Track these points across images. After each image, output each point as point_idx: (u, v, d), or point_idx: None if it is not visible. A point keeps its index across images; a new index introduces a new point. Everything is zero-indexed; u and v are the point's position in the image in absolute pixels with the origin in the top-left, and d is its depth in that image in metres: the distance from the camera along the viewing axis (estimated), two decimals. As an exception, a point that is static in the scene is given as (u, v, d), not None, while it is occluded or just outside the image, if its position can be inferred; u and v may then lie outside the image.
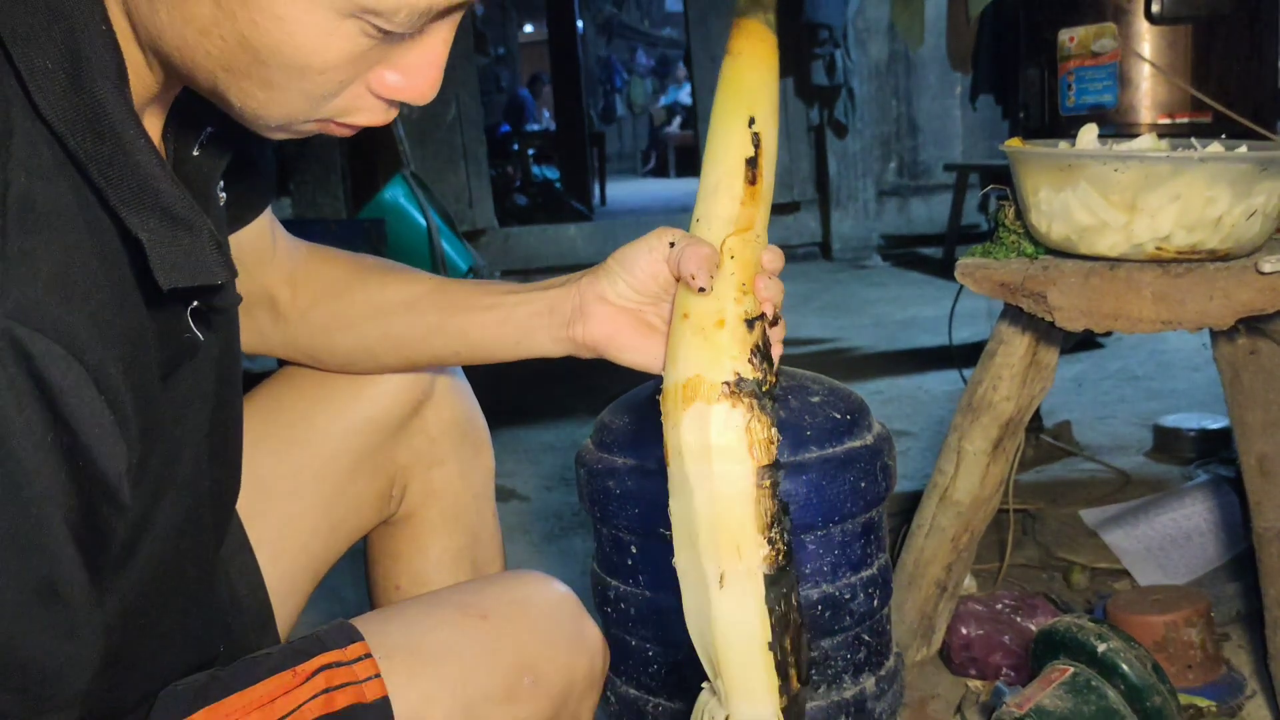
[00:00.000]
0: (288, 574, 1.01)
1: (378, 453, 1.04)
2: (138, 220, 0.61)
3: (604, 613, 1.31)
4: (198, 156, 0.74)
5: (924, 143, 6.66)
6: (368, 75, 0.63)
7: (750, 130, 0.79)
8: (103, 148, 0.59)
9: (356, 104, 0.65)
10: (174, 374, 0.72)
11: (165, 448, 0.71)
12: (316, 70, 0.61)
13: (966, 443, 1.51)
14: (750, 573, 0.74)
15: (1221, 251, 1.23)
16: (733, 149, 0.80)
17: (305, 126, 0.66)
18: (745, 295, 0.78)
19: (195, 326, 0.72)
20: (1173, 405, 2.82)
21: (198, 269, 0.63)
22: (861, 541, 1.25)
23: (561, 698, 0.86)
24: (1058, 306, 1.27)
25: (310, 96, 0.63)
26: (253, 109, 0.63)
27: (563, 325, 0.90)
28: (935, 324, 4.06)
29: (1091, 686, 1.21)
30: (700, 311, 0.78)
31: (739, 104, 0.80)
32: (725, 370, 0.75)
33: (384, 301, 0.97)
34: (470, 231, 6.24)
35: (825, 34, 5.81)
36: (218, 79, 0.62)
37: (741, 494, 0.74)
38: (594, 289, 0.89)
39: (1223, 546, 1.83)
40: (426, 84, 0.65)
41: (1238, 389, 1.35)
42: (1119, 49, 1.69)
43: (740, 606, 0.74)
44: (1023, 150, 1.33)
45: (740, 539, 0.74)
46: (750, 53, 0.82)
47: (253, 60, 0.60)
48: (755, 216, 0.80)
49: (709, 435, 0.75)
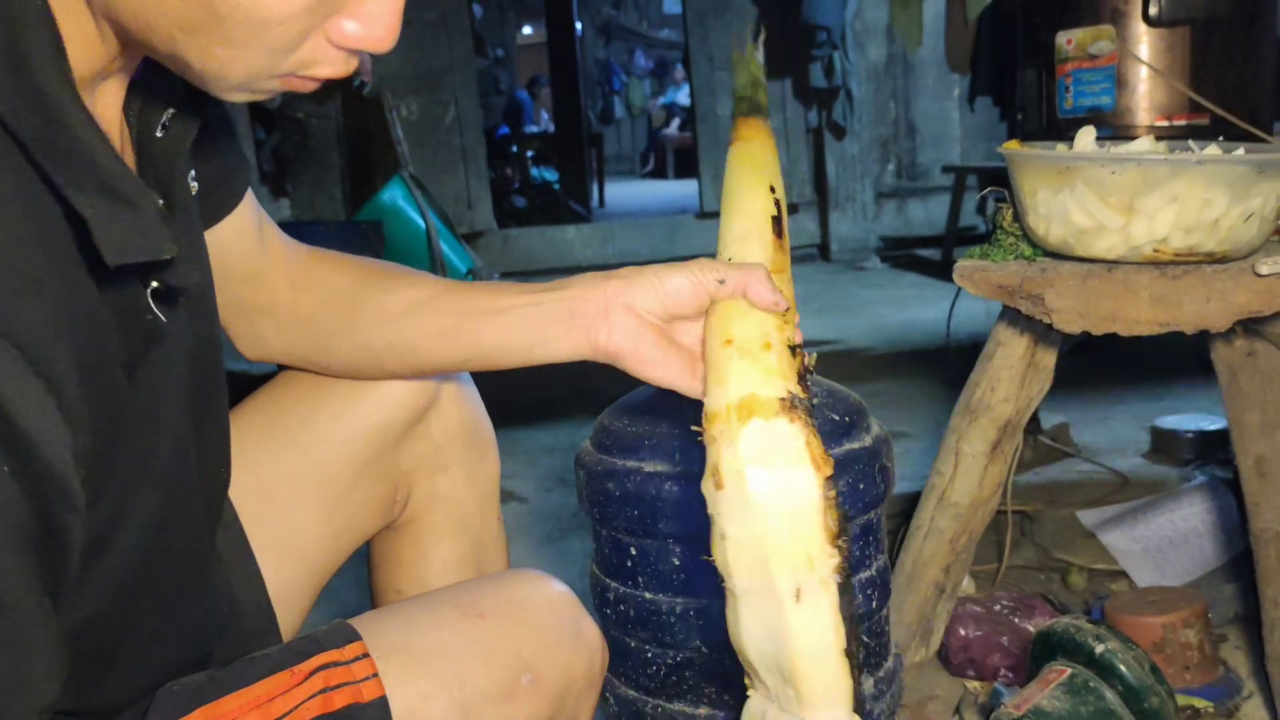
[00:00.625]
0: (291, 580, 1.00)
1: (382, 458, 1.04)
2: (82, 199, 0.59)
3: (603, 614, 1.31)
4: (161, 139, 0.72)
5: (922, 144, 6.67)
6: (326, 26, 0.63)
7: (772, 196, 0.88)
8: (41, 124, 0.58)
9: (316, 55, 0.64)
10: (141, 362, 0.70)
11: (138, 440, 0.69)
12: (276, 21, 0.60)
13: (965, 444, 1.51)
14: (824, 583, 0.75)
15: (1219, 253, 1.23)
16: (760, 208, 0.88)
17: (267, 84, 0.65)
18: (787, 325, 0.82)
19: (157, 308, 0.71)
20: (1171, 407, 2.82)
21: (144, 244, 0.62)
22: (860, 543, 1.26)
23: (560, 697, 0.86)
24: (1055, 308, 1.28)
25: (270, 50, 0.62)
26: (214, 69, 0.62)
27: (584, 329, 0.89)
28: (933, 325, 4.07)
29: (1089, 687, 1.21)
30: (746, 336, 0.81)
31: (759, 174, 0.89)
32: (779, 388, 0.77)
33: (389, 307, 0.95)
34: (469, 233, 6.25)
35: (823, 36, 5.82)
36: (176, 40, 0.61)
37: (811, 505, 0.75)
38: (623, 297, 0.88)
39: (1220, 548, 1.83)
40: (385, 29, 0.64)
41: (1235, 391, 1.35)
42: (1117, 51, 1.69)
43: (817, 617, 0.75)
44: (1021, 152, 1.33)
45: (812, 550, 0.75)
46: (757, 139, 0.92)
47: (211, 17, 0.59)
48: (786, 263, 0.86)
49: (773, 449, 0.76)
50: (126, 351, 0.67)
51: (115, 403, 0.66)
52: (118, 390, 0.66)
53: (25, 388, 0.54)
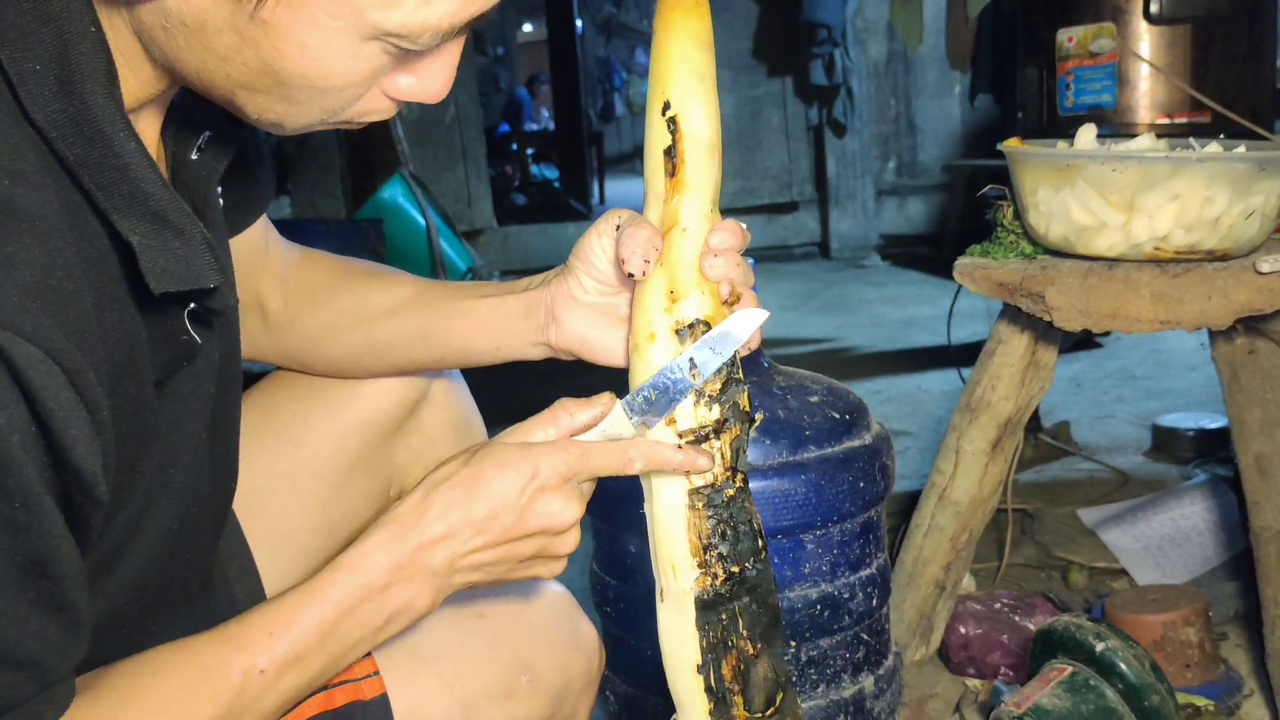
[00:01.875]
0: (286, 573, 1.00)
1: (375, 453, 1.04)
2: (128, 224, 0.61)
3: (603, 612, 1.31)
4: (196, 160, 0.74)
5: (922, 142, 6.66)
6: (382, 81, 0.65)
7: (664, 117, 0.74)
8: (92, 152, 0.59)
9: (369, 106, 0.66)
10: (171, 378, 0.71)
11: (160, 451, 0.70)
12: (338, 89, 0.62)
13: (965, 442, 1.51)
14: (684, 593, 0.73)
15: (1220, 251, 1.23)
16: (652, 142, 0.76)
17: (315, 128, 0.67)
18: (674, 303, 0.74)
19: (193, 329, 0.72)
20: (1170, 405, 2.82)
21: (189, 273, 0.63)
22: (860, 541, 1.26)
23: (559, 695, 0.87)
24: (1056, 306, 1.28)
25: (328, 109, 0.64)
26: (269, 120, 0.65)
27: (538, 330, 0.88)
28: (933, 323, 4.06)
29: (1090, 685, 1.21)
30: (634, 327, 0.76)
31: (654, 91, 0.75)
32: None
33: (369, 309, 0.96)
34: (469, 231, 6.25)
35: (824, 33, 5.82)
36: (236, 95, 0.63)
37: (674, 514, 0.74)
38: (561, 289, 0.86)
39: (1220, 546, 1.83)
40: (440, 85, 0.66)
41: (1236, 388, 1.35)
42: (1117, 49, 1.69)
43: (674, 624, 0.75)
44: (1021, 150, 1.33)
45: (675, 558, 0.74)
46: (665, 24, 0.75)
47: (274, 83, 0.61)
48: (679, 210, 0.74)
49: None
50: (158, 370, 0.69)
51: (142, 418, 0.67)
52: (146, 408, 0.67)
53: (67, 403, 0.56)
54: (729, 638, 0.73)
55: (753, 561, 0.73)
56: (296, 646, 0.67)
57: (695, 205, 0.75)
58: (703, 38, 0.74)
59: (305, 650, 0.68)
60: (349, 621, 0.69)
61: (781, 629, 0.75)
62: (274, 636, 0.67)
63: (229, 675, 0.66)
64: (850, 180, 6.51)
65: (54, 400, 0.56)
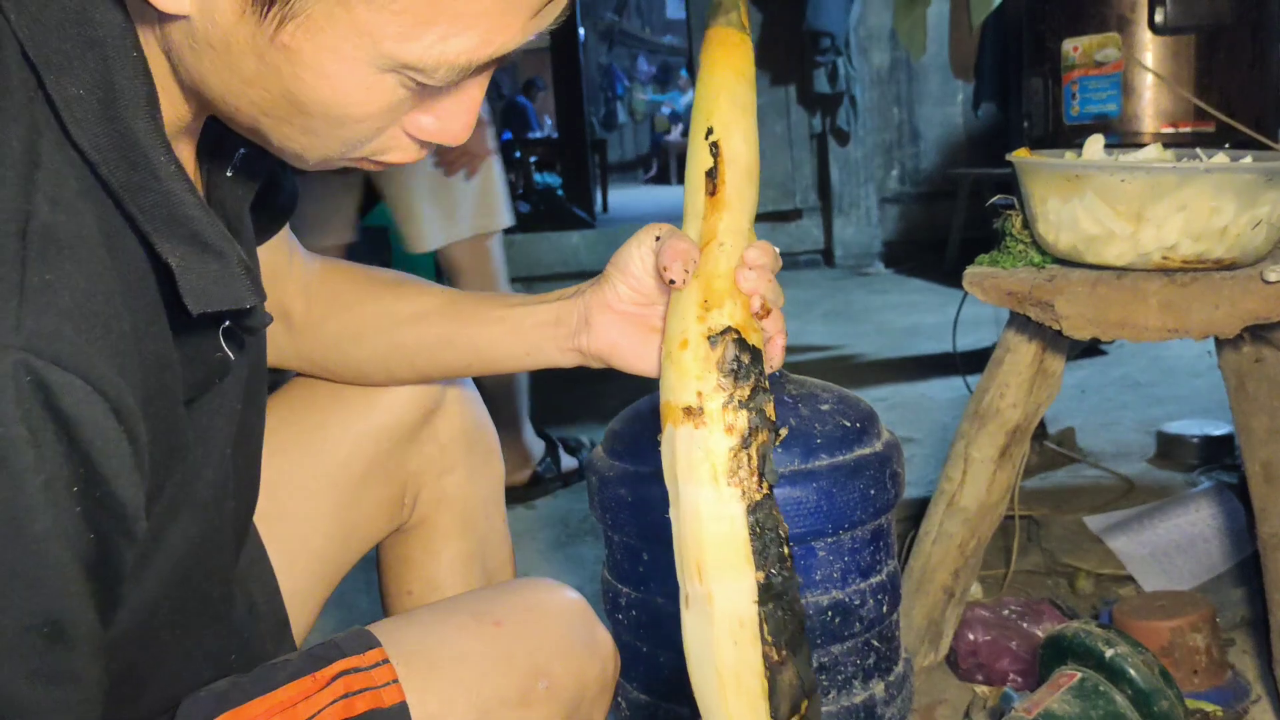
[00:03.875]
0: (302, 581, 1.01)
1: (390, 460, 1.05)
2: (168, 247, 0.61)
3: (615, 619, 1.32)
4: (231, 179, 0.75)
5: (926, 150, 6.67)
6: (403, 119, 0.65)
7: (708, 142, 0.80)
8: (134, 176, 0.60)
9: (391, 144, 0.67)
10: (201, 396, 0.72)
11: (185, 468, 0.71)
12: (356, 120, 0.63)
13: (974, 450, 1.52)
14: (709, 597, 0.73)
15: (1227, 261, 1.24)
16: (695, 165, 0.81)
17: (338, 163, 0.68)
18: (708, 312, 0.76)
19: (227, 346, 0.73)
20: (1176, 411, 2.82)
21: (227, 294, 0.64)
22: (871, 548, 1.26)
23: (574, 702, 0.87)
24: (1065, 315, 1.28)
25: (348, 142, 0.65)
26: (292, 149, 0.65)
27: (569, 336, 0.90)
28: (938, 331, 4.07)
29: (1099, 691, 1.22)
30: (668, 334, 0.78)
31: (698, 118, 0.81)
32: (688, 394, 0.75)
33: (396, 314, 0.97)
34: (473, 238, 6.24)
35: (827, 42, 5.83)
36: (259, 122, 0.63)
37: (701, 519, 0.73)
38: (598, 297, 0.89)
39: (1227, 552, 1.84)
40: (460, 127, 0.67)
41: (1243, 396, 1.36)
42: (1122, 59, 1.70)
43: (699, 630, 0.74)
44: (1030, 161, 1.34)
45: (701, 563, 0.73)
46: (710, 60, 0.82)
47: (295, 110, 0.62)
48: (717, 227, 0.78)
49: (674, 460, 0.75)
50: (190, 389, 0.70)
51: (173, 439, 0.67)
52: (177, 427, 0.68)
53: (109, 434, 0.56)
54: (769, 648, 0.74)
55: (779, 569, 0.74)
56: None
57: (732, 222, 0.79)
58: (745, 73, 0.81)
59: None
60: None
61: (807, 637, 0.75)
62: None
63: None
64: (854, 188, 6.52)
65: (95, 431, 0.56)
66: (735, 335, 0.75)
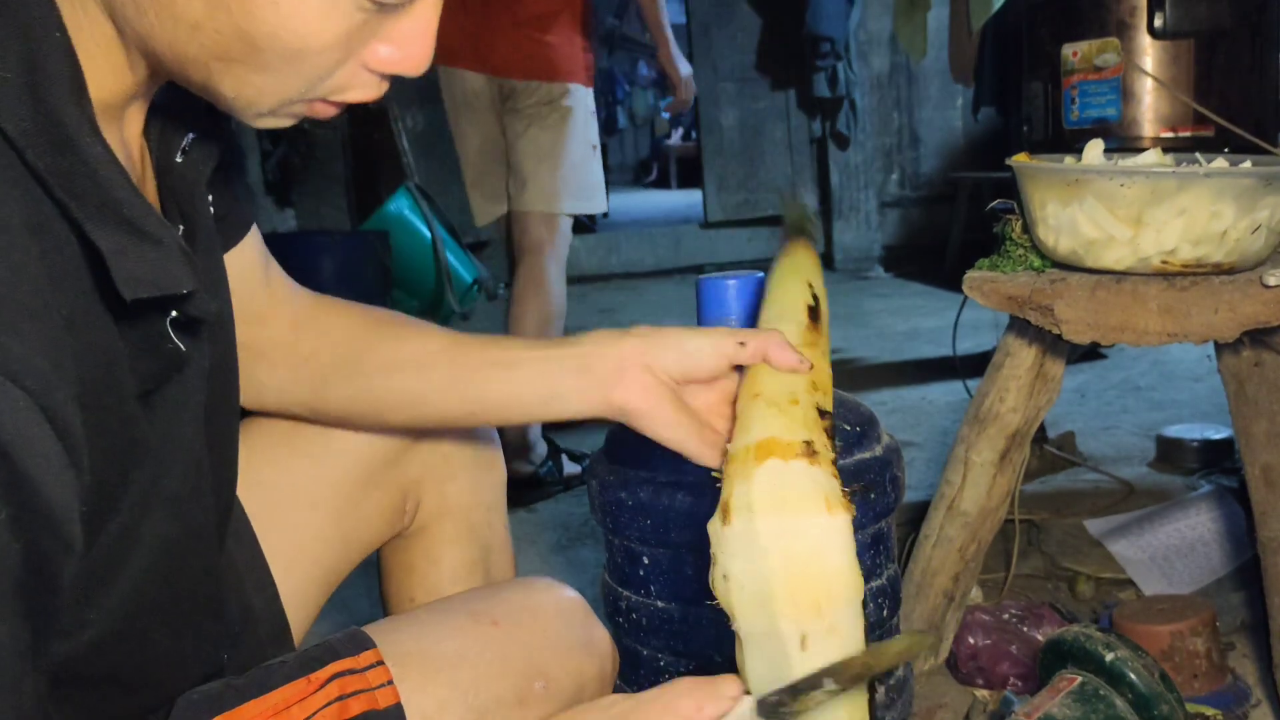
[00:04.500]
0: (301, 585, 1.01)
1: (392, 465, 1.05)
2: (101, 233, 0.59)
3: (615, 623, 1.32)
4: (181, 164, 0.73)
5: (926, 154, 6.67)
6: (361, 51, 0.64)
7: (810, 290, 0.93)
8: (61, 160, 0.58)
9: (350, 81, 0.65)
10: (160, 389, 0.70)
11: (152, 465, 0.69)
12: (314, 51, 0.61)
13: (973, 454, 1.52)
14: (831, 630, 0.71)
15: (1226, 265, 1.24)
16: (798, 296, 0.92)
17: (294, 109, 0.65)
18: (815, 390, 0.81)
19: (177, 337, 0.71)
20: (1175, 416, 2.82)
21: (163, 279, 0.62)
22: (871, 552, 1.26)
23: (572, 702, 0.87)
24: (1065, 319, 1.29)
25: (306, 78, 0.63)
26: (247, 96, 0.63)
27: (599, 386, 0.87)
28: (937, 335, 4.07)
29: (1099, 695, 1.22)
30: (774, 391, 0.80)
31: (800, 275, 0.95)
32: (801, 434, 0.75)
33: (398, 355, 0.93)
34: (474, 243, 6.24)
35: (827, 46, 5.83)
36: (210, 70, 0.61)
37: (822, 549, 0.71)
38: (642, 356, 0.86)
39: (1227, 556, 1.84)
40: (420, 53, 0.65)
41: (1242, 400, 1.36)
42: (1122, 63, 1.70)
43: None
44: (1030, 165, 1.34)
45: (819, 597, 0.71)
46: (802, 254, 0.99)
47: (249, 49, 0.59)
48: (822, 344, 0.87)
49: (788, 490, 0.72)
50: (144, 381, 0.68)
51: (127, 433, 0.66)
52: (131, 421, 0.66)
53: (31, 430, 0.53)
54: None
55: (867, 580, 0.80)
56: None
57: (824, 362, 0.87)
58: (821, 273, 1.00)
59: None
60: None
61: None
62: None
63: None
64: (853, 192, 6.52)
65: (15, 430, 0.52)
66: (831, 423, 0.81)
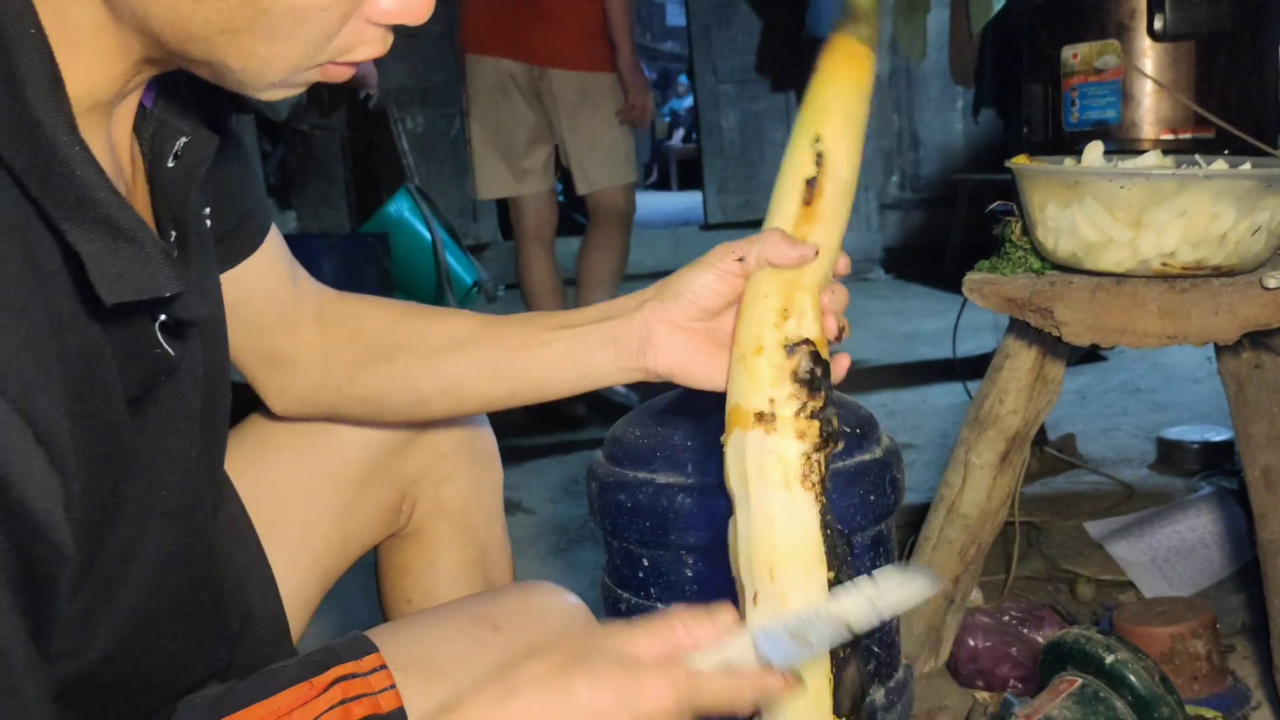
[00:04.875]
0: (300, 583, 1.02)
1: (389, 466, 1.05)
2: (79, 234, 0.58)
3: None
4: (173, 169, 0.72)
5: (926, 156, 6.67)
6: (363, 6, 0.63)
7: (814, 149, 0.79)
8: (37, 158, 0.57)
9: (355, 39, 0.64)
10: (150, 396, 0.70)
11: (146, 473, 0.69)
12: (318, 9, 0.60)
13: (973, 456, 1.52)
14: (781, 596, 0.73)
15: (1226, 267, 1.24)
16: (794, 169, 0.80)
17: (306, 75, 0.65)
18: (784, 320, 0.77)
19: (166, 341, 0.70)
20: (1175, 418, 2.82)
21: (144, 281, 0.61)
22: (871, 554, 1.26)
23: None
24: (1064, 321, 1.28)
25: (311, 39, 0.62)
26: (254, 67, 0.62)
27: (631, 355, 0.87)
28: (937, 336, 4.07)
29: (1100, 698, 1.22)
30: (741, 339, 0.78)
31: (808, 122, 0.80)
32: (760, 399, 0.75)
33: (432, 342, 0.93)
34: (474, 245, 6.25)
35: (827, 48, 5.83)
36: (214, 44, 0.60)
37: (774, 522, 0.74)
38: (660, 314, 0.86)
39: (1227, 558, 1.84)
40: (421, 0, 0.64)
41: (1242, 403, 1.36)
42: (1122, 65, 1.70)
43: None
44: (1029, 167, 1.34)
45: (772, 564, 0.74)
46: (831, 69, 0.81)
47: (253, 13, 0.59)
48: (808, 238, 0.79)
49: (743, 463, 0.75)
50: (132, 387, 0.67)
51: (117, 439, 0.65)
52: (120, 426, 0.65)
53: (11, 436, 0.53)
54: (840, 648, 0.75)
55: (844, 567, 0.75)
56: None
57: (825, 237, 0.79)
58: (865, 89, 0.81)
59: None
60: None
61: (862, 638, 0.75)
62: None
63: None
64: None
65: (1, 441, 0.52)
66: (811, 348, 0.76)
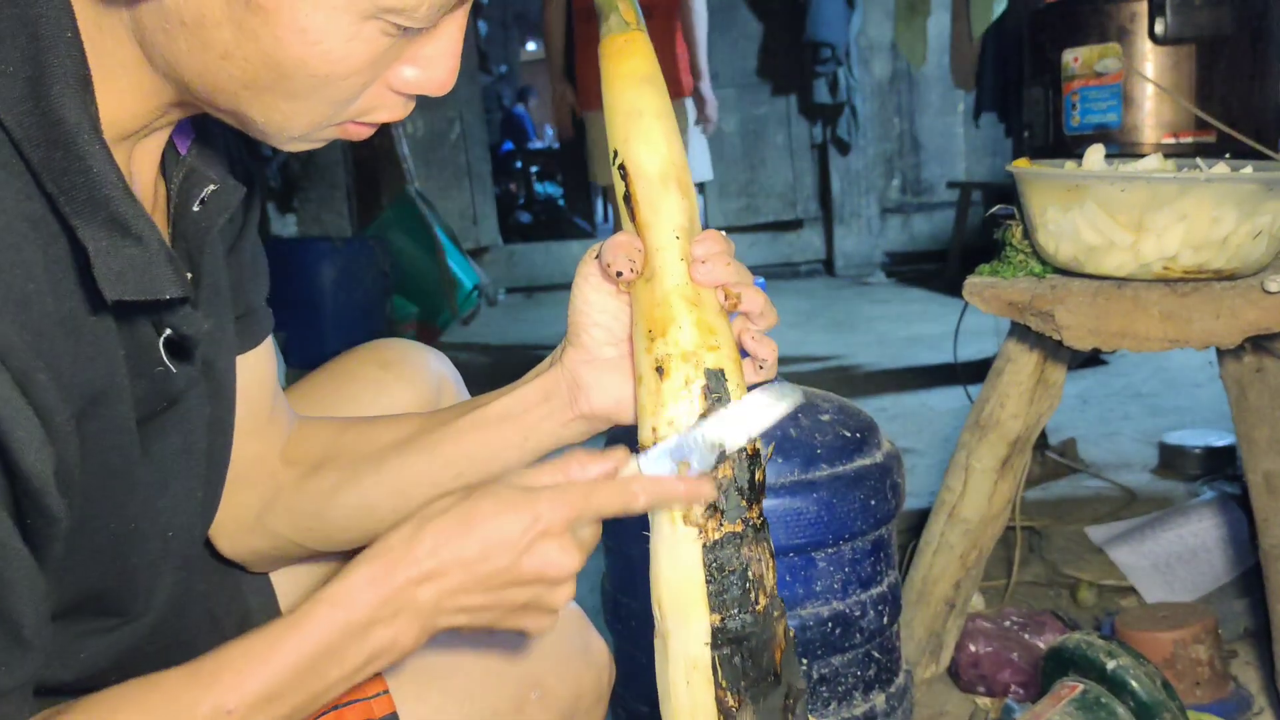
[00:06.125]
0: (298, 586, 1.01)
1: None
2: (88, 232, 0.59)
3: (615, 630, 1.32)
4: (197, 212, 0.72)
5: (926, 160, 6.68)
6: (386, 73, 0.64)
7: (616, 168, 0.75)
8: (55, 155, 0.58)
9: (376, 103, 0.65)
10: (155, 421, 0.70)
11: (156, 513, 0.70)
12: (340, 76, 0.61)
13: (974, 460, 1.51)
14: (667, 635, 0.72)
15: (1227, 271, 1.24)
16: (619, 198, 0.76)
17: (325, 132, 0.66)
18: (654, 342, 0.72)
19: (169, 360, 0.70)
20: (1177, 422, 2.82)
21: (146, 281, 0.61)
22: (871, 559, 1.26)
23: (569, 711, 0.87)
24: (1066, 325, 1.28)
25: (334, 102, 0.63)
26: (277, 122, 0.63)
27: (565, 406, 0.82)
28: (938, 341, 4.06)
29: (1101, 703, 1.22)
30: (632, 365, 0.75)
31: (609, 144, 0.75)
32: (645, 430, 0.72)
33: (377, 442, 0.89)
34: (474, 249, 6.26)
35: (828, 52, 5.84)
36: (239, 98, 0.62)
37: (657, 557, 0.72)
38: (577, 355, 0.81)
39: (1229, 563, 1.83)
40: (445, 74, 0.65)
41: (1244, 407, 1.36)
42: (1123, 69, 1.70)
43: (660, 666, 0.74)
44: (1030, 170, 1.34)
45: (659, 599, 0.72)
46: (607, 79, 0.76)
47: (277, 76, 0.60)
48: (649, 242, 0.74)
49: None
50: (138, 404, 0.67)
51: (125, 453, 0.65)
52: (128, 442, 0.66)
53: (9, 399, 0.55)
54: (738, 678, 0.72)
55: (740, 611, 0.70)
56: (271, 684, 0.64)
57: (655, 240, 0.74)
58: (637, 74, 0.75)
59: (280, 688, 0.64)
60: (329, 659, 0.66)
61: (782, 690, 0.71)
62: (246, 674, 0.64)
63: (196, 714, 0.63)
64: (854, 198, 6.52)
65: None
66: (685, 361, 0.71)
